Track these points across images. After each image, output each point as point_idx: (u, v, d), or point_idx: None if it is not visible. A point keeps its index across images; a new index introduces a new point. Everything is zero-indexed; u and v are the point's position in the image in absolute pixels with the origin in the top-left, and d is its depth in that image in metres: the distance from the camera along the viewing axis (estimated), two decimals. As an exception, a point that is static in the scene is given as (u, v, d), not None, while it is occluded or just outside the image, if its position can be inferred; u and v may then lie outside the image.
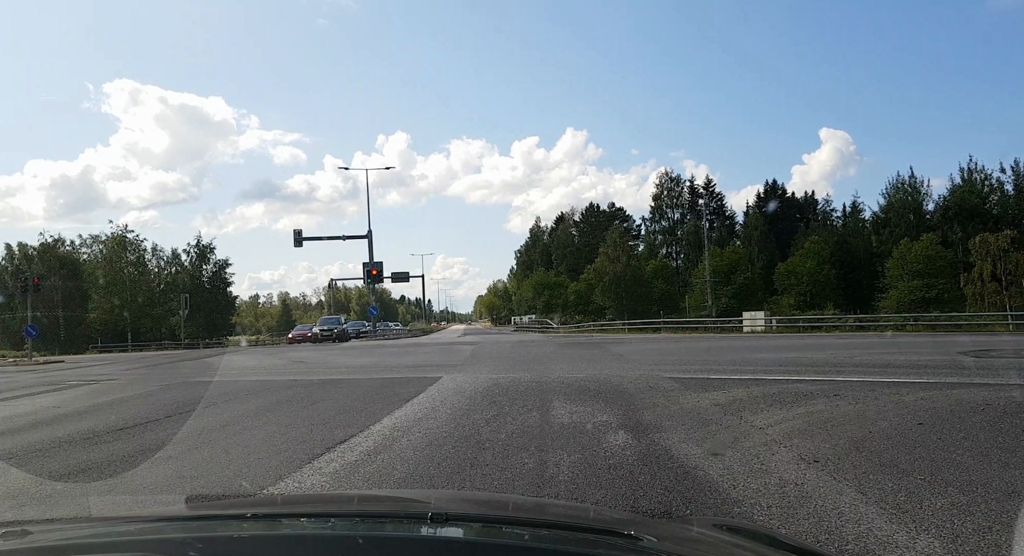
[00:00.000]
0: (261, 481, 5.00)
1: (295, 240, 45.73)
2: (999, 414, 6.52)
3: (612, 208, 75.07)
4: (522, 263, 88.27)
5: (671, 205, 65.09)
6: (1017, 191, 46.38)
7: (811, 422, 6.40)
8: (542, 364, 14.36)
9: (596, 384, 10.10)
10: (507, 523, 1.48)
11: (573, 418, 7.13)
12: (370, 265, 44.18)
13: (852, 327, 34.52)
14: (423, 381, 11.40)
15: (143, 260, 59.57)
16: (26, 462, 6.13)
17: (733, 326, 38.52)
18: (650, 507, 3.99)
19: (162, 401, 10.66)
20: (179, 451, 6.35)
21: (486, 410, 7.90)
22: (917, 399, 7.57)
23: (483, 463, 5.23)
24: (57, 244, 58.13)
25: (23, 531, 1.39)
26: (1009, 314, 30.71)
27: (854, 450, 5.19)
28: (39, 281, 43.45)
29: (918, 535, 3.31)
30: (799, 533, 3.41)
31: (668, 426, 6.50)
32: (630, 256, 54.80)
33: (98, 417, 8.98)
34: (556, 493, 4.39)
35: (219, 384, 13.22)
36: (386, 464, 5.40)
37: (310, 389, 11.42)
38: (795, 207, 60.68)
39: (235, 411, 9.05)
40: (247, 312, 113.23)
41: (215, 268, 63.14)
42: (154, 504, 4.47)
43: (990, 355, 13.34)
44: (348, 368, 15.96)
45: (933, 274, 40.22)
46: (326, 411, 8.54)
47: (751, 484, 4.36)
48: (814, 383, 9.25)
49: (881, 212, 51.86)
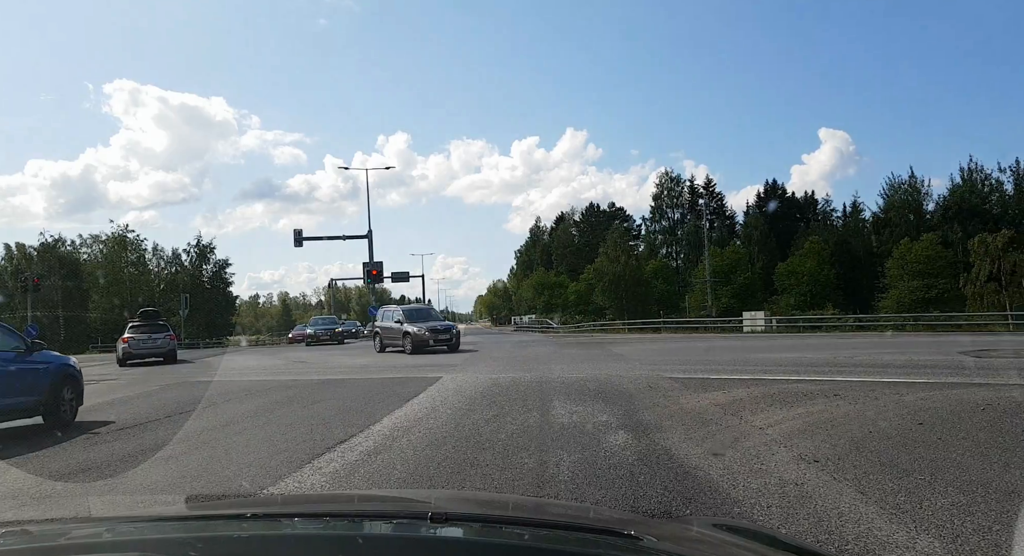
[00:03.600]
0: (261, 481, 5.00)
1: (295, 240, 45.70)
2: (999, 414, 6.52)
3: (612, 208, 75.09)
4: (522, 263, 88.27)
5: (671, 205, 65.08)
6: (1017, 191, 46.41)
7: (811, 422, 6.40)
8: (542, 364, 14.36)
9: (596, 384, 10.10)
10: (507, 523, 1.48)
11: (573, 418, 7.13)
12: (370, 265, 44.15)
13: (852, 327, 34.52)
14: (423, 381, 11.40)
15: (143, 260, 59.66)
16: (26, 462, 6.13)
17: (733, 326, 38.52)
18: (650, 507, 3.99)
19: (162, 401, 10.66)
20: (179, 451, 6.36)
21: (486, 410, 7.90)
22: (917, 399, 7.57)
23: (483, 463, 5.23)
24: (57, 244, 58.17)
25: (23, 531, 1.39)
26: (1009, 314, 30.69)
27: (854, 450, 5.19)
28: (39, 281, 43.51)
29: (918, 535, 3.31)
30: (799, 533, 3.41)
31: (668, 426, 6.50)
32: (630, 256, 54.80)
33: (98, 417, 8.98)
34: (556, 493, 4.39)
35: (219, 384, 13.23)
36: (386, 464, 5.40)
37: (310, 389, 11.43)
38: (795, 207, 60.67)
39: (235, 411, 9.05)
40: (247, 312, 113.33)
41: (215, 268, 63.16)
42: (154, 504, 4.46)
43: (990, 355, 13.34)
44: (348, 368, 15.97)
45: (933, 274, 40.22)
46: (326, 411, 8.55)
47: (751, 484, 4.36)
48: (814, 383, 9.25)
49: (881, 212, 51.92)
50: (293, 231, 45.40)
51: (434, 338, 20.06)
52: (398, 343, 20.78)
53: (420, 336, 19.91)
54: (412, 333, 19.98)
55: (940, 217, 47.33)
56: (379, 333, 22.45)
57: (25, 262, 55.52)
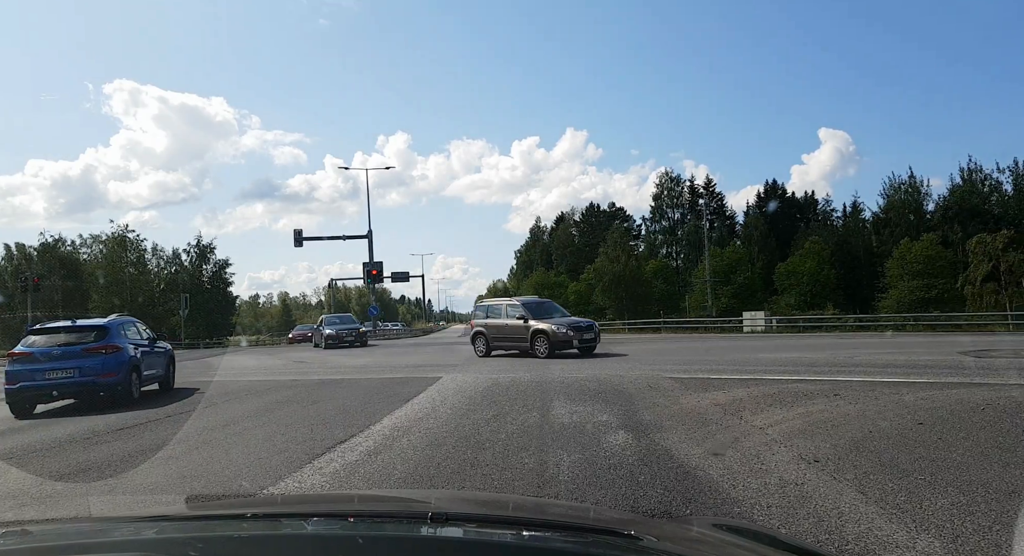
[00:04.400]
0: (261, 481, 5.00)
1: (295, 240, 45.73)
2: (999, 414, 6.52)
3: (612, 208, 74.99)
4: (522, 263, 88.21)
5: (671, 205, 65.05)
6: (1016, 191, 46.40)
7: (811, 422, 6.40)
8: (542, 364, 14.36)
9: (596, 384, 10.10)
10: (507, 523, 1.48)
11: (573, 418, 7.12)
12: (370, 265, 44.16)
13: (852, 327, 34.51)
14: (423, 381, 11.40)
15: (143, 260, 59.56)
16: (26, 462, 6.13)
17: (733, 326, 38.51)
18: (650, 507, 3.99)
19: (162, 401, 10.66)
20: (179, 451, 6.36)
21: (486, 410, 7.90)
22: (917, 399, 7.57)
23: (483, 463, 5.23)
24: (57, 244, 58.12)
25: (23, 531, 1.39)
26: (1009, 314, 30.69)
27: (854, 450, 5.19)
28: (39, 281, 43.52)
29: (918, 535, 3.31)
30: (799, 533, 3.41)
31: (668, 426, 6.50)
32: (630, 256, 54.78)
33: (98, 417, 8.98)
34: (556, 493, 4.39)
35: (219, 384, 13.23)
36: (386, 464, 5.40)
37: (310, 389, 11.43)
38: (795, 207, 60.63)
39: (235, 411, 9.05)
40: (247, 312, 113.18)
41: (215, 268, 63.08)
42: (154, 504, 4.46)
43: (990, 355, 13.34)
44: (348, 368, 15.96)
45: (933, 274, 40.20)
46: (326, 411, 8.55)
47: (751, 484, 4.36)
48: (814, 383, 9.25)
49: (881, 212, 51.86)
50: (293, 231, 45.45)
51: (578, 338, 16.56)
52: (522, 344, 17.05)
53: (559, 335, 16.37)
54: (549, 331, 16.41)
55: (940, 217, 47.30)
56: (484, 333, 18.28)
57: (25, 262, 55.47)
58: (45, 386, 9.87)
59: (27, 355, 10.20)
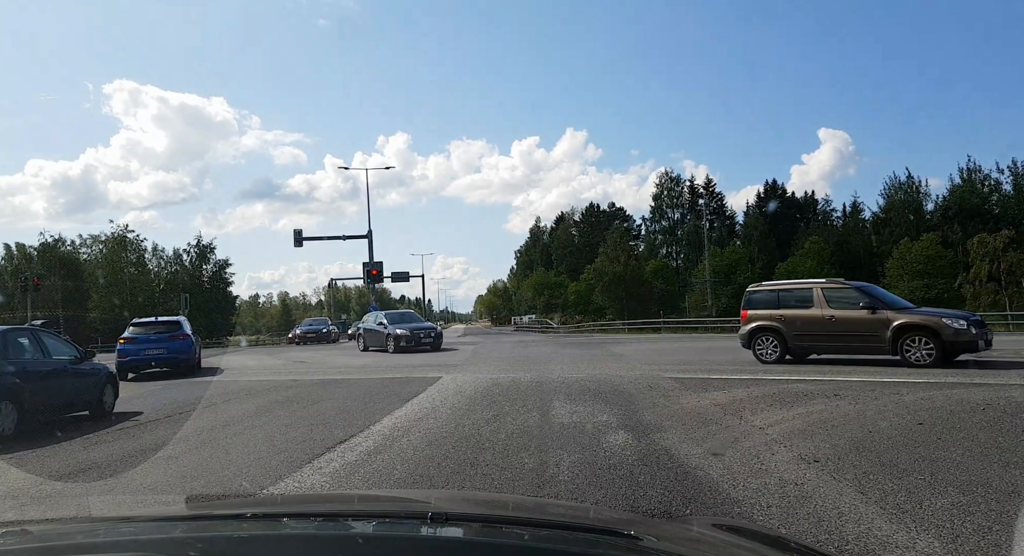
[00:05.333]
0: (261, 481, 5.00)
1: (295, 240, 45.64)
2: (999, 414, 6.52)
3: (612, 208, 75.07)
4: (522, 263, 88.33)
5: (671, 205, 65.09)
6: (1016, 191, 46.39)
7: (811, 422, 6.40)
8: (542, 364, 14.36)
9: (596, 384, 10.10)
10: (507, 523, 1.48)
11: (573, 418, 7.12)
12: (370, 265, 44.10)
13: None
14: (423, 381, 11.40)
15: (143, 260, 59.56)
16: (26, 462, 6.13)
17: (733, 326, 38.47)
18: (650, 507, 3.99)
19: (162, 401, 10.66)
20: (179, 451, 6.36)
21: (486, 410, 7.90)
22: (917, 399, 7.57)
23: (483, 463, 5.23)
24: (57, 244, 58.09)
25: (23, 531, 1.39)
26: (1009, 314, 30.69)
27: (854, 450, 5.19)
28: (39, 281, 43.49)
29: (918, 535, 3.31)
30: (799, 533, 3.41)
31: (668, 426, 6.50)
32: (630, 256, 54.81)
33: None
34: (556, 493, 4.39)
35: (219, 384, 13.23)
36: (386, 464, 5.40)
37: (310, 389, 11.42)
38: (795, 207, 60.68)
39: (235, 411, 9.05)
40: (247, 312, 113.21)
41: (215, 268, 63.05)
42: (154, 504, 4.46)
43: (990, 355, 13.32)
44: (348, 368, 15.96)
45: (933, 274, 40.23)
46: (326, 411, 8.54)
47: (751, 484, 4.36)
48: (814, 383, 9.25)
49: (881, 212, 51.91)
50: (293, 231, 45.29)
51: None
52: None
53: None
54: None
55: (940, 217, 47.33)
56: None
57: (25, 262, 55.48)
58: (145, 359, 15.60)
59: (132, 339, 15.76)
